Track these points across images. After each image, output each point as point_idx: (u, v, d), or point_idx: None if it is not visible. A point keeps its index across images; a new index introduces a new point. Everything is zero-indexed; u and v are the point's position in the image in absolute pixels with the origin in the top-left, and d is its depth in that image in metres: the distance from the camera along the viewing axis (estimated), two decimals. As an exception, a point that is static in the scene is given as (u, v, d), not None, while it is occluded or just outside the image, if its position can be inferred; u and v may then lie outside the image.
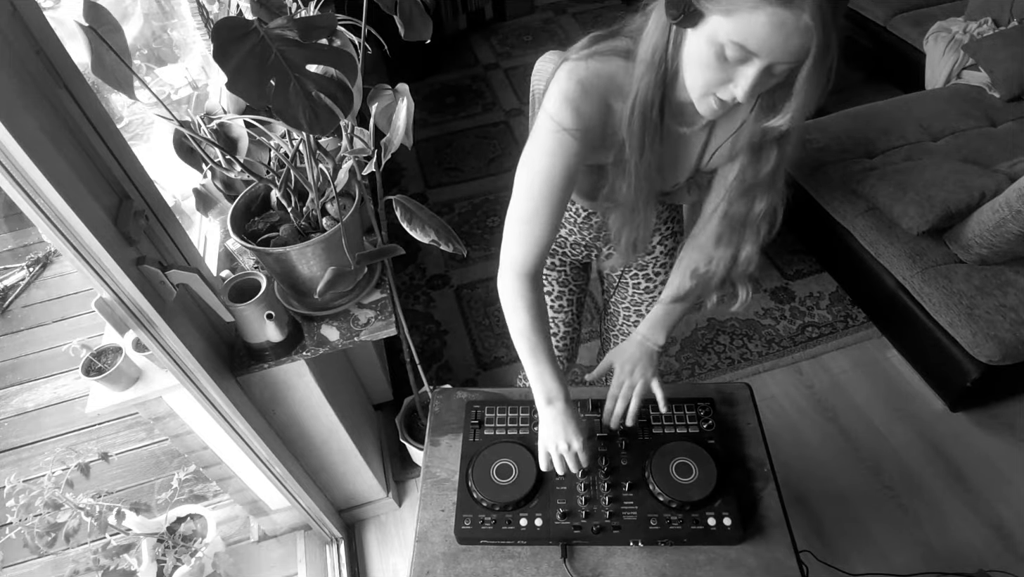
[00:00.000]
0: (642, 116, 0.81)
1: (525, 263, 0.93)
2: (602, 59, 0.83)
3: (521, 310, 0.94)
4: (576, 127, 0.83)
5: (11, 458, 2.07)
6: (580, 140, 0.84)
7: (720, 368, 2.14)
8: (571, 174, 0.87)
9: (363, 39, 0.98)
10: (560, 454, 0.94)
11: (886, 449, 1.90)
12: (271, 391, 1.30)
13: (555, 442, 0.94)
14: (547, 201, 0.88)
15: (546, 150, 0.86)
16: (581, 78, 0.83)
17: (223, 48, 0.71)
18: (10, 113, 0.73)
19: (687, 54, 0.75)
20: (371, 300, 1.27)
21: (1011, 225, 1.70)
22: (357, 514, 1.81)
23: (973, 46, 2.45)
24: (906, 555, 1.68)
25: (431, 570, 0.93)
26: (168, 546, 1.57)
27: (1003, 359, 1.71)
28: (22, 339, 2.44)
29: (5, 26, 0.78)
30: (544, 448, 0.95)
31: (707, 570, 0.91)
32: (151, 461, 2.01)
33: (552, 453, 0.95)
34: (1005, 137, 2.23)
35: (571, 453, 0.94)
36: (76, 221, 0.82)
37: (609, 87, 0.83)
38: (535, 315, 0.94)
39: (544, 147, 0.86)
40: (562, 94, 0.83)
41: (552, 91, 0.84)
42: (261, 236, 1.12)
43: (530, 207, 0.89)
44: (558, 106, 0.83)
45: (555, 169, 0.86)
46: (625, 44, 0.83)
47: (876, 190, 2.03)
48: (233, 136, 1.02)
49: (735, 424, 1.08)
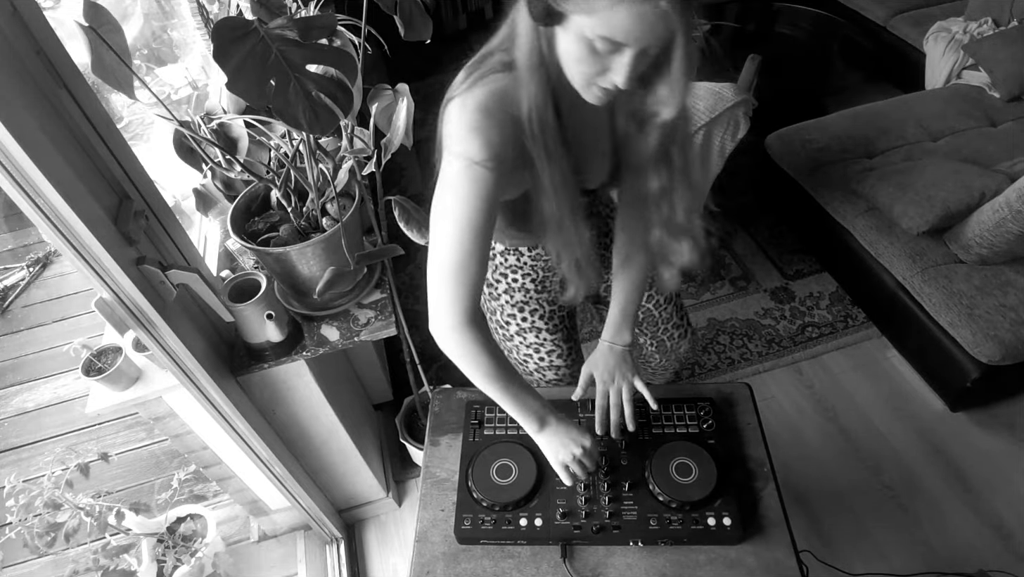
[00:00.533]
0: (540, 120, 0.79)
1: (465, 310, 0.85)
2: (487, 81, 0.80)
3: (478, 358, 0.87)
4: (487, 156, 0.79)
5: (11, 458, 2.07)
6: (495, 169, 0.80)
7: (720, 368, 2.14)
8: (491, 208, 0.83)
9: (363, 39, 0.98)
10: (577, 460, 0.94)
11: (886, 449, 1.90)
12: (271, 391, 1.30)
13: (566, 453, 0.94)
14: (475, 244, 0.83)
15: (461, 194, 0.81)
16: (478, 103, 0.79)
17: (223, 48, 0.71)
18: (10, 113, 0.73)
19: (562, 50, 0.74)
20: (371, 300, 1.27)
21: (1011, 225, 1.70)
22: (357, 514, 1.81)
23: (973, 46, 2.45)
24: (906, 555, 1.68)
25: (431, 570, 0.93)
26: (168, 546, 1.57)
27: (1003, 359, 1.71)
28: (22, 339, 2.44)
29: (5, 26, 0.78)
30: (558, 464, 0.95)
31: (707, 570, 0.91)
32: (151, 461, 2.02)
33: (569, 464, 0.95)
34: (1005, 137, 2.23)
35: (587, 456, 0.94)
36: (76, 221, 0.82)
37: (506, 102, 0.80)
38: (492, 356, 0.88)
39: (459, 191, 0.81)
40: (465, 127, 0.79)
41: (451, 131, 0.80)
42: (261, 236, 1.12)
43: (458, 257, 0.83)
44: (464, 140, 0.79)
45: (475, 210, 0.81)
46: (500, 58, 0.81)
47: (876, 190, 2.03)
48: (233, 136, 1.02)
49: (735, 424, 1.08)
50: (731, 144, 1.85)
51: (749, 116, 1.80)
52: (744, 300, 2.33)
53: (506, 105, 0.80)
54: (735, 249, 2.51)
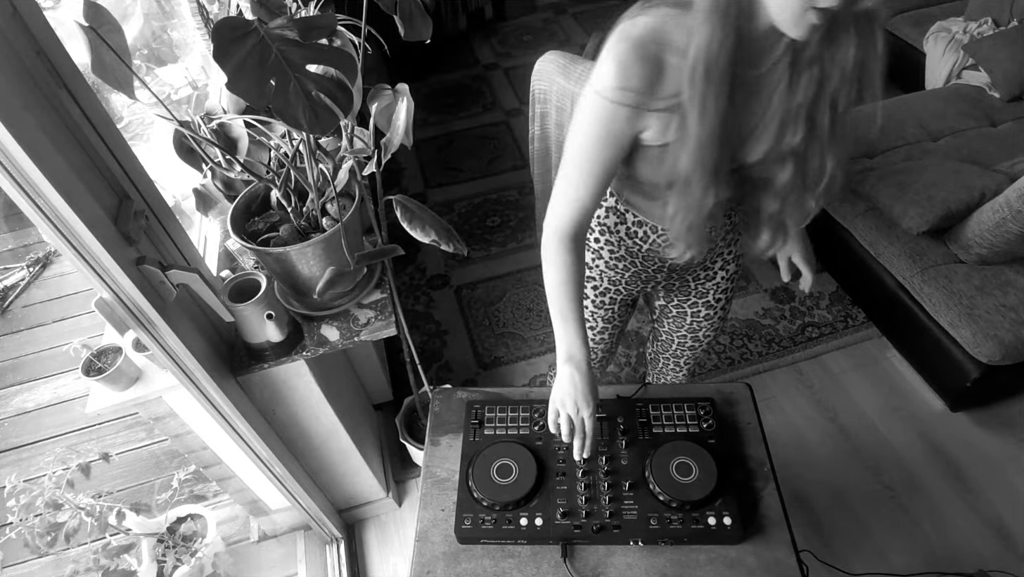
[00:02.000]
0: (707, 69, 0.73)
1: (563, 225, 0.92)
2: (653, 13, 0.77)
3: (554, 269, 0.93)
4: (621, 92, 0.79)
5: (11, 458, 2.07)
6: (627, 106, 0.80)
7: (720, 368, 2.14)
8: (614, 144, 0.84)
9: (363, 39, 0.98)
10: (568, 416, 0.92)
11: (886, 449, 1.90)
12: (271, 391, 1.30)
13: (564, 401, 0.92)
14: (589, 164, 0.86)
15: (586, 123, 0.84)
16: (634, 36, 0.77)
17: (223, 48, 0.71)
18: (10, 113, 0.73)
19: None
20: (371, 300, 1.27)
21: (1011, 225, 1.70)
22: (357, 514, 1.81)
23: (973, 46, 2.45)
24: (906, 555, 1.68)
25: (431, 570, 0.93)
26: (168, 546, 1.57)
27: (1003, 359, 1.71)
28: (22, 339, 2.44)
29: (5, 26, 0.78)
30: (554, 405, 0.94)
31: (707, 570, 0.91)
32: (151, 461, 2.02)
33: (561, 412, 0.93)
34: (1005, 137, 2.23)
35: (579, 418, 0.92)
36: (76, 221, 0.82)
37: (666, 41, 0.77)
38: (567, 277, 0.93)
39: (586, 118, 0.84)
40: (610, 57, 0.78)
41: (602, 56, 0.79)
42: (261, 236, 1.12)
43: (571, 170, 0.88)
44: (603, 70, 0.79)
45: (598, 133, 0.83)
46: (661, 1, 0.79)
47: (876, 190, 2.03)
48: (233, 136, 1.02)
49: (735, 424, 1.08)
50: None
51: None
52: (744, 300, 2.33)
53: (664, 44, 0.76)
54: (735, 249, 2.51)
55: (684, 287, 1.27)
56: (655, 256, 1.12)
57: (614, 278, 1.21)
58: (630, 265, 1.17)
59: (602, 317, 1.31)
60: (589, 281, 1.24)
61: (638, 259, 1.14)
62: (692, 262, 1.14)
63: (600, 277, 1.22)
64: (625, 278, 1.20)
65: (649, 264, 1.15)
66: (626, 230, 1.10)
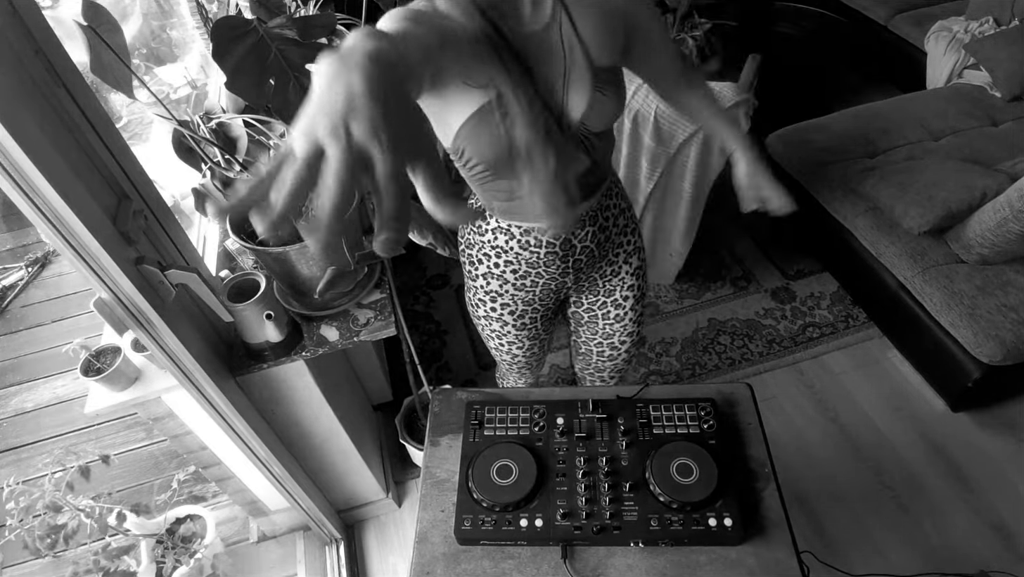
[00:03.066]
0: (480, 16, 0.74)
1: None
2: None
3: None
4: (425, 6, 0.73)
5: (10, 458, 2.07)
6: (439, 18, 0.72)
7: (721, 368, 2.14)
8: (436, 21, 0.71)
9: (363, 38, 0.97)
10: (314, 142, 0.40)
11: (887, 449, 1.89)
12: (270, 391, 1.30)
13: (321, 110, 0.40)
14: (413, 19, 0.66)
15: None
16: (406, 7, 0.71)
17: (222, 47, 0.71)
18: (9, 112, 0.73)
19: None
20: (371, 300, 1.27)
21: (1012, 225, 1.70)
22: (357, 515, 1.80)
23: (974, 45, 2.44)
24: (907, 555, 1.68)
25: (431, 571, 0.93)
26: (167, 547, 1.57)
27: (1004, 359, 1.71)
28: (21, 339, 2.44)
29: (4, 25, 0.78)
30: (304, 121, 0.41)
31: (708, 571, 0.91)
32: (150, 462, 2.01)
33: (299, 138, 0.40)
34: (1006, 136, 2.23)
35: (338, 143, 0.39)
36: (75, 221, 0.81)
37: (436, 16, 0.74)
38: None
39: None
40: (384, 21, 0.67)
41: None
42: (260, 236, 1.12)
43: None
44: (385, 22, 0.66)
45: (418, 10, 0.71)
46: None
47: (877, 190, 2.03)
48: (232, 135, 1.01)
49: (736, 424, 1.07)
50: (732, 144, 1.85)
51: (749, 116, 1.80)
52: (745, 300, 2.33)
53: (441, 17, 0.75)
54: (736, 249, 2.51)
55: (592, 286, 1.26)
56: (554, 257, 1.11)
57: (526, 298, 1.20)
58: (537, 277, 1.15)
59: (527, 336, 1.29)
60: (504, 308, 1.22)
61: (541, 267, 1.13)
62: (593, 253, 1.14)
63: (513, 301, 1.20)
64: (536, 294, 1.19)
65: (552, 268, 1.13)
66: (517, 243, 1.09)
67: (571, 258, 1.12)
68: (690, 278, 2.41)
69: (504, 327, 1.26)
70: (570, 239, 1.09)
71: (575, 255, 1.12)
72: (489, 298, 1.21)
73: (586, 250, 1.13)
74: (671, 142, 1.89)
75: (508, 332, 1.27)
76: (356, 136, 0.39)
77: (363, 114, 0.39)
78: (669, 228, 2.15)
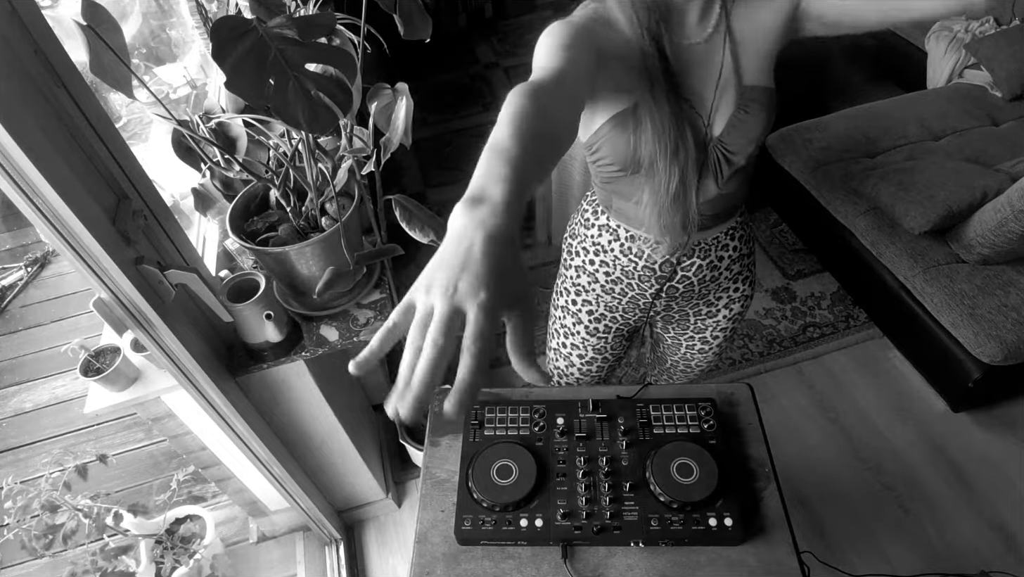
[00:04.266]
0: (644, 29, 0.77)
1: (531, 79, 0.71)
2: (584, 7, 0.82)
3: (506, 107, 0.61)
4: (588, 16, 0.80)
5: (9, 458, 2.07)
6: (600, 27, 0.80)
7: (721, 368, 2.13)
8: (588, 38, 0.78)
9: (362, 38, 0.97)
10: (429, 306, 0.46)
11: (887, 449, 1.89)
12: (270, 392, 1.30)
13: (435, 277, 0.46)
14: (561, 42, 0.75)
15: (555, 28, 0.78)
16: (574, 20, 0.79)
17: (222, 47, 0.71)
18: (8, 112, 0.72)
19: None
20: (370, 300, 1.26)
21: (1013, 225, 1.70)
22: (356, 515, 1.80)
23: (975, 45, 2.44)
24: (907, 555, 1.67)
25: (431, 571, 0.92)
26: (166, 547, 1.57)
27: (1005, 359, 1.71)
28: (20, 339, 2.43)
29: (3, 24, 0.78)
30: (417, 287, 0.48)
31: (708, 571, 0.91)
32: (149, 462, 2.01)
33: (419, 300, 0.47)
34: (1007, 136, 2.22)
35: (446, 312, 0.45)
36: (74, 220, 0.81)
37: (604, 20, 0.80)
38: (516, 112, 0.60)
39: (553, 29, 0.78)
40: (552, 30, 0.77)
41: None
42: (260, 236, 1.12)
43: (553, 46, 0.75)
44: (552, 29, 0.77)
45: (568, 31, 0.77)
46: None
47: (878, 190, 2.03)
48: (232, 135, 1.01)
49: (736, 424, 1.07)
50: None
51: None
52: (745, 300, 2.33)
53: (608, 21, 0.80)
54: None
55: (684, 320, 1.23)
56: (651, 274, 1.08)
57: (611, 303, 1.16)
58: (627, 288, 1.12)
59: (593, 347, 1.24)
60: (584, 305, 1.19)
61: (634, 280, 1.10)
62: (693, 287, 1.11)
63: (596, 301, 1.17)
64: (622, 304, 1.15)
65: (645, 285, 1.10)
66: (620, 247, 1.07)
67: (667, 283, 1.09)
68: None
69: (576, 325, 1.22)
70: (672, 262, 1.06)
71: (672, 281, 1.08)
72: (575, 291, 1.18)
73: (686, 280, 1.09)
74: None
75: (578, 332, 1.23)
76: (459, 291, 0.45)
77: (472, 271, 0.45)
78: (669, 228, 2.15)
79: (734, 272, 1.15)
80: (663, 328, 1.28)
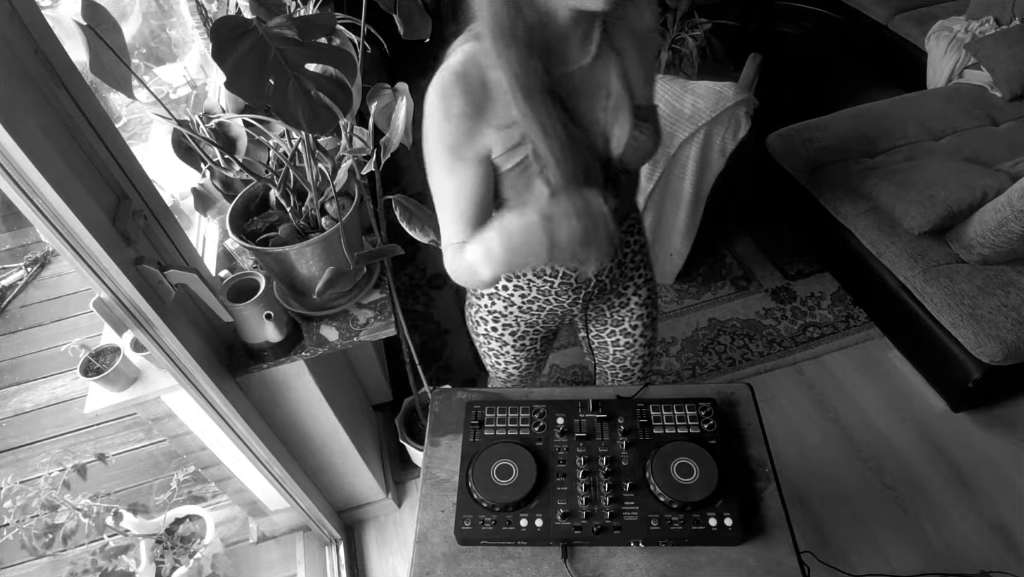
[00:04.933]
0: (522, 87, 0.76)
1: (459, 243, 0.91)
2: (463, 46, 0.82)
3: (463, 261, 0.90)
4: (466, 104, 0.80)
5: (9, 458, 2.07)
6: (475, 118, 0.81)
7: (721, 368, 2.13)
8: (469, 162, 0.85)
9: (362, 38, 0.97)
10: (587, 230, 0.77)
11: (887, 449, 1.89)
12: (270, 392, 1.30)
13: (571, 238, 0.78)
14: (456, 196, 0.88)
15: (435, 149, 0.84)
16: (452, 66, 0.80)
17: (222, 47, 0.71)
18: (8, 112, 0.72)
19: None
20: (370, 300, 1.26)
21: (1013, 225, 1.70)
22: (356, 515, 1.80)
23: (975, 45, 2.44)
24: (907, 555, 1.67)
25: (431, 571, 0.92)
26: (166, 547, 1.57)
27: (1005, 359, 1.71)
28: (20, 339, 2.43)
29: (3, 24, 0.78)
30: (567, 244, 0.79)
31: (708, 571, 0.91)
32: (149, 462, 2.01)
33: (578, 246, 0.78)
34: (1007, 136, 2.22)
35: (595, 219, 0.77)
36: (74, 220, 0.81)
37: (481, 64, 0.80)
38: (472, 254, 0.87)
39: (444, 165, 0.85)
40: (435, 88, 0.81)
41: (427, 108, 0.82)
42: (260, 236, 1.12)
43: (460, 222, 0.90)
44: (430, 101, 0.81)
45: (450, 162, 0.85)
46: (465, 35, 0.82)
47: (877, 190, 2.03)
48: (232, 135, 1.01)
49: (736, 424, 1.07)
50: (732, 143, 1.85)
51: (750, 115, 1.80)
52: (745, 300, 2.33)
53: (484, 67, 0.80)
54: (736, 249, 2.51)
55: (600, 316, 1.26)
56: (567, 288, 1.11)
57: (530, 320, 1.20)
58: (544, 304, 1.15)
59: (525, 357, 1.29)
60: (506, 329, 1.22)
61: (551, 296, 1.12)
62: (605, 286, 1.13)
63: (516, 322, 1.20)
64: (541, 318, 1.19)
65: (563, 298, 1.13)
66: (532, 270, 1.09)
67: (583, 290, 1.12)
68: (690, 278, 2.41)
69: (503, 347, 1.26)
70: None
71: (588, 288, 1.11)
72: (492, 318, 1.21)
73: (600, 284, 1.12)
74: (671, 142, 1.89)
75: (507, 352, 1.27)
76: None
77: None
78: (669, 228, 2.15)
79: (637, 261, 1.19)
80: (585, 329, 1.31)
